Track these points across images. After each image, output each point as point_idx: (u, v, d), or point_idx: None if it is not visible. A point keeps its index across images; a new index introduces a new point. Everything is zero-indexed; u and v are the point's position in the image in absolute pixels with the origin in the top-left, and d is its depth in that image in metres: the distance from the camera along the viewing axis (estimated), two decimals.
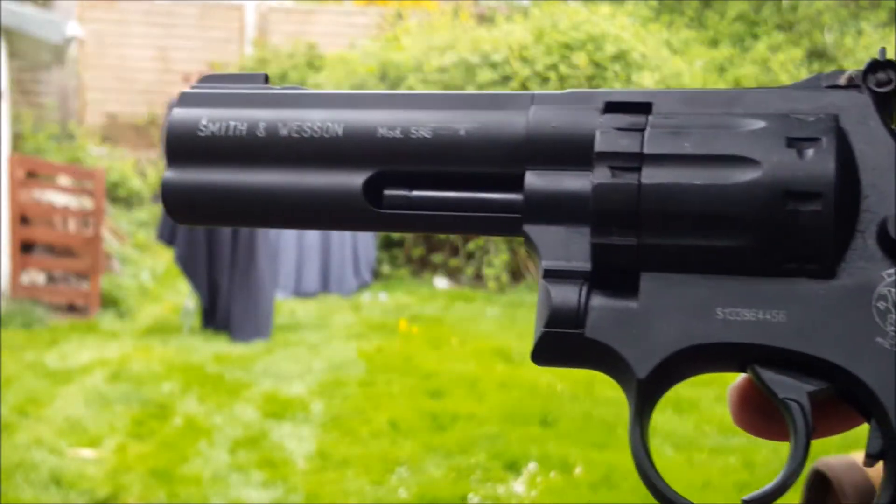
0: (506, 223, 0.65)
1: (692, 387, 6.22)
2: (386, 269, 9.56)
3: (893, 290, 0.57)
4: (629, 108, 0.63)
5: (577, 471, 4.85)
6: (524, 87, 9.53)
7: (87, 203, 8.39)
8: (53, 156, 10.67)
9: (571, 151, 0.63)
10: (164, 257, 9.09)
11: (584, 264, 0.61)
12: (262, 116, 0.68)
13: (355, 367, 6.51)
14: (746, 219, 0.58)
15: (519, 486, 4.69)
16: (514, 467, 4.87)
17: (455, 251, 9.56)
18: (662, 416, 5.64)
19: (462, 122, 0.65)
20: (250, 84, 0.71)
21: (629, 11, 11.40)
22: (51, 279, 8.17)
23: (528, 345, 0.62)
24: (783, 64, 11.60)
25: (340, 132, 0.66)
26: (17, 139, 10.32)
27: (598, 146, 0.61)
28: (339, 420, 5.50)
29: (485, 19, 12.14)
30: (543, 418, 5.55)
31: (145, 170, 12.18)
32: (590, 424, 5.48)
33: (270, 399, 5.78)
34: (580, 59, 9.51)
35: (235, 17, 13.45)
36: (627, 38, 9.84)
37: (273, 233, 8.16)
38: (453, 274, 9.56)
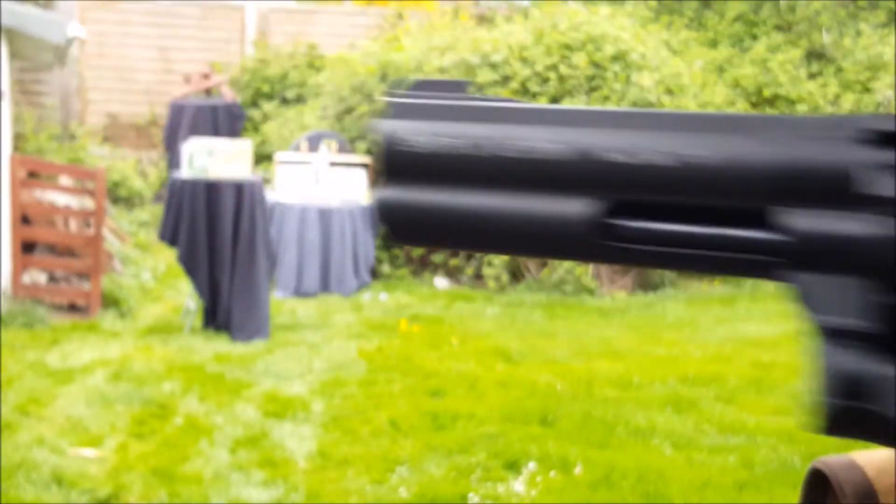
0: (760, 266, 0.54)
1: (692, 386, 6.23)
2: (386, 268, 9.56)
3: None
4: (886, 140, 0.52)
5: (577, 470, 4.86)
6: (524, 87, 9.56)
7: (88, 203, 8.40)
8: (54, 156, 10.66)
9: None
10: (165, 257, 9.10)
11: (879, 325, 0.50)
12: (480, 132, 0.60)
13: (356, 367, 6.52)
14: None
15: (519, 485, 4.71)
16: (514, 467, 4.88)
17: (455, 251, 9.55)
18: (662, 416, 5.65)
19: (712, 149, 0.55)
20: (455, 93, 0.63)
21: (629, 12, 11.41)
22: (52, 279, 8.18)
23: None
24: (782, 64, 11.62)
25: (569, 154, 0.58)
26: (19, 139, 10.33)
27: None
28: (339, 419, 5.51)
29: (485, 20, 12.15)
30: (543, 418, 5.57)
31: (146, 170, 12.19)
32: (589, 424, 5.49)
33: (271, 399, 5.79)
34: (580, 59, 9.53)
35: (236, 17, 13.46)
36: (627, 39, 9.86)
37: (273, 232, 8.18)
38: (453, 274, 9.57)
